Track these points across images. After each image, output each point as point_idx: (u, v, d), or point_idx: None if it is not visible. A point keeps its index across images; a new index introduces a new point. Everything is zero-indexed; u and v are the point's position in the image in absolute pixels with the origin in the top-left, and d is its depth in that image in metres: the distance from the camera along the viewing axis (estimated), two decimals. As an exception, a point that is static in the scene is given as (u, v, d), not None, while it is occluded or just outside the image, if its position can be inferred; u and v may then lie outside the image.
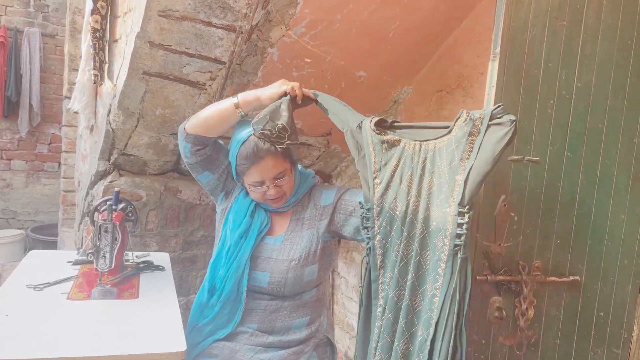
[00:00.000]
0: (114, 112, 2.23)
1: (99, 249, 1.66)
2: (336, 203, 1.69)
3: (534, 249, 1.62)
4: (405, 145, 1.49)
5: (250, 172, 1.61)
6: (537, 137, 1.58)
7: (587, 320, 1.69)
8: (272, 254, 1.68)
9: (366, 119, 1.53)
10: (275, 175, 1.62)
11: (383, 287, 1.51)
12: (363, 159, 1.53)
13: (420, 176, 1.46)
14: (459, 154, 1.39)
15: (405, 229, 1.48)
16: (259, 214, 1.72)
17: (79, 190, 3.29)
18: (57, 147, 5.19)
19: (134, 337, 1.38)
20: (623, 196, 1.66)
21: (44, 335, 1.33)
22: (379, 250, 1.51)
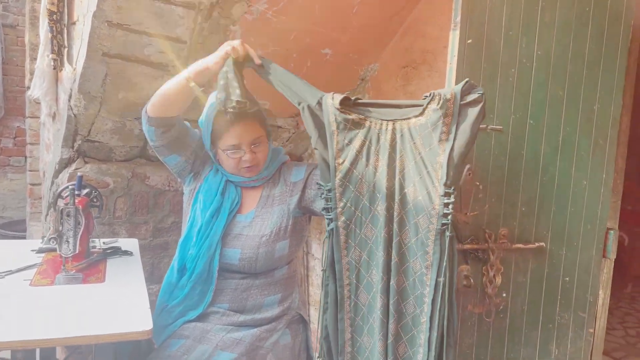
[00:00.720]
0: (75, 97, 2.17)
1: (61, 233, 1.62)
2: (307, 179, 1.69)
3: (500, 217, 1.64)
4: (370, 124, 1.46)
5: (226, 136, 1.61)
6: (500, 105, 1.59)
7: (554, 285, 1.72)
8: (243, 230, 1.67)
9: (326, 96, 1.47)
10: (251, 140, 1.62)
11: (349, 267, 1.50)
12: (322, 138, 1.47)
13: (389, 155, 1.44)
14: (436, 136, 1.40)
15: (376, 208, 1.46)
16: (229, 192, 1.70)
17: (44, 181, 3.21)
18: (22, 141, 5.04)
19: (100, 318, 1.36)
20: (585, 162, 1.69)
21: (5, 319, 1.30)
22: (342, 232, 1.48)
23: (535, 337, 1.72)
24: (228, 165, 1.67)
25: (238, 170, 1.67)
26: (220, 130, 1.62)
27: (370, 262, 1.48)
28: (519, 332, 1.70)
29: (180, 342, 1.59)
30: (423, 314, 1.44)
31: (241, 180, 1.70)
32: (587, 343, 1.78)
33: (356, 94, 2.57)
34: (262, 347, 1.64)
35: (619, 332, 3.89)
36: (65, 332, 1.26)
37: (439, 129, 1.38)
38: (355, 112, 1.46)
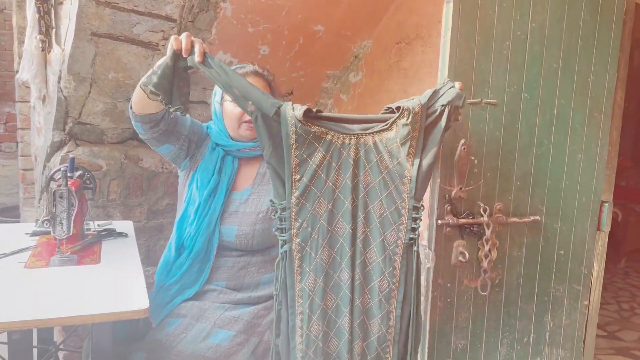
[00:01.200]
0: (64, 79, 2.14)
1: (54, 215, 1.60)
2: None
3: (495, 192, 1.64)
4: (332, 138, 1.37)
5: None
6: (494, 79, 1.58)
7: (549, 259, 1.73)
8: (240, 207, 1.69)
9: (286, 105, 1.34)
10: None
11: (301, 294, 1.42)
12: (277, 151, 1.36)
13: (352, 172, 1.38)
14: (404, 150, 1.38)
15: (334, 228, 1.40)
16: (226, 170, 1.72)
17: (36, 166, 3.18)
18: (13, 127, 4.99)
19: (96, 298, 1.35)
20: (579, 135, 1.69)
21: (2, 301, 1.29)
22: (296, 255, 1.40)
23: (531, 310, 1.73)
24: (230, 118, 1.69)
25: (239, 125, 1.68)
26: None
27: (326, 288, 1.42)
28: (514, 306, 1.71)
29: (178, 321, 1.59)
30: (389, 331, 1.44)
31: (241, 147, 1.70)
32: (582, 315, 1.80)
33: (349, 71, 2.54)
34: (260, 325, 1.65)
35: (612, 307, 3.94)
36: (62, 312, 1.25)
37: (407, 144, 1.37)
38: (317, 125, 1.36)
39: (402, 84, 2.21)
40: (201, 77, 2.29)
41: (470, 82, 1.55)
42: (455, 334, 1.66)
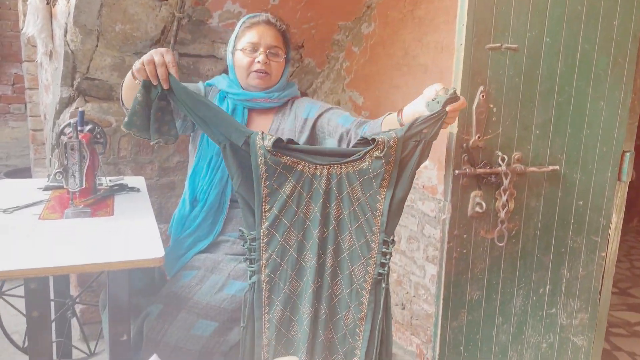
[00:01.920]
0: (70, 32, 2.09)
1: (67, 168, 1.59)
2: (316, 119, 1.68)
3: (514, 141, 1.60)
4: (303, 168, 1.35)
5: (250, 33, 1.64)
6: (515, 23, 1.51)
7: (567, 209, 1.70)
8: None
9: (255, 134, 1.33)
10: (270, 45, 1.64)
11: (269, 325, 1.42)
12: (247, 180, 1.35)
13: (323, 203, 1.36)
14: (377, 183, 1.35)
15: (303, 259, 1.39)
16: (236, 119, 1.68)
17: (45, 124, 3.17)
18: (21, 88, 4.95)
19: (111, 248, 1.35)
20: (602, 82, 1.63)
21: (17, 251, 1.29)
22: (265, 286, 1.40)
23: (547, 261, 1.72)
24: (239, 68, 1.66)
25: (248, 74, 1.65)
26: (244, 30, 1.66)
27: (292, 319, 1.42)
28: (530, 257, 1.70)
29: (192, 273, 1.59)
30: None
31: (251, 97, 1.68)
32: (599, 267, 1.78)
33: (362, 22, 2.47)
34: (274, 276, 1.65)
35: (624, 265, 3.93)
36: (78, 261, 1.25)
37: (380, 176, 1.34)
38: (287, 155, 1.34)
39: (417, 34, 2.14)
40: (210, 29, 2.24)
41: (490, 26, 1.49)
42: (471, 285, 1.65)
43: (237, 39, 1.68)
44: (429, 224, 2.19)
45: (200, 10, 2.10)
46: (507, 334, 1.73)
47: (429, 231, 2.19)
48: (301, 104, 1.75)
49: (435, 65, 2.05)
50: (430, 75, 2.08)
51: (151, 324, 1.48)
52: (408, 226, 2.31)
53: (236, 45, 1.67)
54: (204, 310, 1.50)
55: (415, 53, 2.15)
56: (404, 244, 2.34)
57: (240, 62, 1.66)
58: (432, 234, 2.18)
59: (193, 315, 1.49)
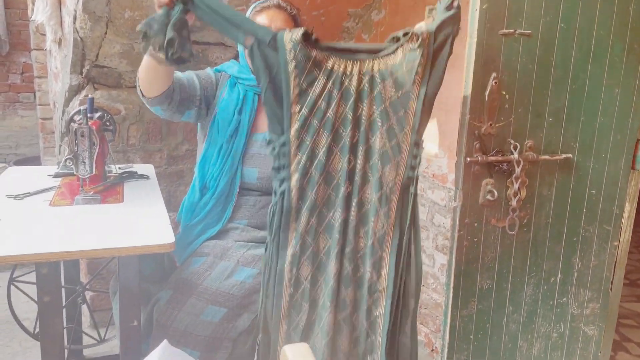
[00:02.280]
0: (80, 18, 2.08)
1: (77, 154, 1.59)
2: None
3: (526, 128, 1.58)
4: (334, 65, 1.27)
5: (261, 16, 1.63)
6: (529, 8, 1.49)
7: (579, 198, 1.68)
8: (261, 149, 1.67)
9: (284, 32, 1.26)
10: (280, 27, 1.60)
11: (295, 235, 1.33)
12: (275, 83, 1.27)
13: (354, 102, 1.29)
14: (410, 78, 1.27)
15: (330, 164, 1.31)
16: (246, 109, 1.69)
17: (55, 112, 3.17)
18: (30, 77, 4.96)
19: (122, 233, 1.35)
20: (618, 68, 1.60)
21: (29, 237, 1.30)
22: (295, 193, 1.30)
23: (559, 250, 1.70)
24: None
25: None
26: (255, 14, 1.65)
27: (318, 229, 1.34)
28: (542, 246, 1.68)
29: (202, 259, 1.60)
30: (381, 280, 1.36)
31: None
32: (611, 256, 1.76)
33: (372, 9, 2.45)
34: (283, 263, 1.64)
35: (635, 256, 3.90)
36: (89, 246, 1.26)
37: (413, 71, 1.26)
38: (317, 49, 1.27)
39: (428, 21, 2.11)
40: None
41: (503, 11, 1.47)
42: (481, 274, 1.64)
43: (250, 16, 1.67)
44: (439, 212, 2.17)
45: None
46: (517, 323, 1.72)
47: (438, 220, 2.18)
48: None
49: (446, 52, 2.03)
50: (441, 62, 2.05)
51: (161, 310, 1.48)
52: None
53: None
54: (213, 296, 1.50)
55: (426, 40, 2.12)
56: (413, 233, 2.33)
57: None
58: (442, 223, 2.17)
59: (202, 301, 1.49)
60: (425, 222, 2.24)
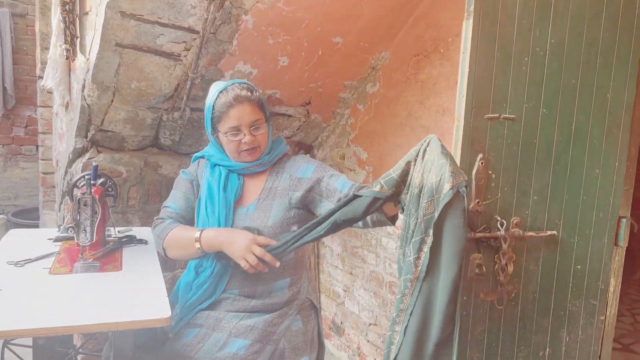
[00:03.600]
0: (88, 87, 2.19)
1: (79, 223, 1.64)
2: (315, 182, 1.67)
3: (512, 206, 1.65)
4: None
5: (227, 117, 1.63)
6: (513, 94, 1.59)
7: (565, 273, 1.73)
8: (245, 222, 1.68)
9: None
10: (251, 122, 1.64)
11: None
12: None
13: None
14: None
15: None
16: (231, 186, 1.71)
17: (57, 170, 3.24)
18: (34, 130, 5.09)
19: (119, 306, 1.39)
20: (597, 151, 1.69)
21: (27, 308, 1.33)
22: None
23: (547, 324, 1.73)
24: (229, 149, 1.69)
25: (239, 154, 1.68)
26: (220, 114, 1.64)
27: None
28: (530, 320, 1.72)
29: (194, 331, 1.62)
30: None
31: (244, 167, 1.71)
32: (598, 330, 1.79)
33: (367, 82, 2.57)
34: (275, 333, 1.66)
35: (627, 319, 3.90)
36: (87, 320, 1.29)
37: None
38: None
39: (420, 96, 2.23)
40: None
41: (489, 97, 1.56)
42: (471, 347, 1.67)
43: (215, 121, 1.67)
44: (430, 280, 2.21)
45: (213, 70, 2.20)
46: (507, 396, 1.73)
47: (430, 288, 2.21)
48: (296, 163, 1.74)
49: (437, 127, 2.13)
50: (432, 136, 2.15)
51: (155, 382, 1.50)
52: (409, 282, 2.33)
53: (217, 127, 1.68)
54: (206, 368, 1.52)
55: (418, 114, 2.23)
56: (405, 299, 2.36)
57: (228, 146, 1.68)
58: (433, 291, 2.20)
59: (196, 374, 1.50)
60: (417, 289, 2.27)
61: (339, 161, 2.83)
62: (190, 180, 1.78)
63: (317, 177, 1.67)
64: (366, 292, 2.70)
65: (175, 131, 2.51)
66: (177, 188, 1.78)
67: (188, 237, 1.59)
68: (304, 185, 1.68)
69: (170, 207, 1.74)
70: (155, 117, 2.38)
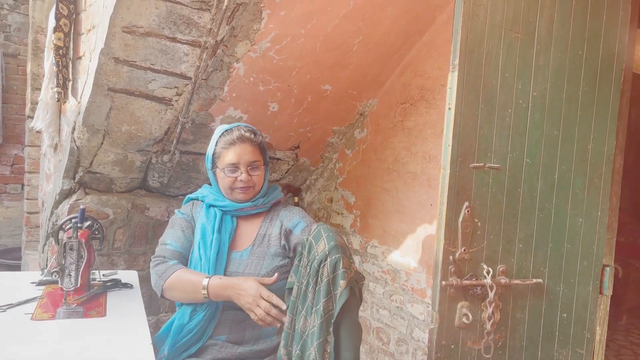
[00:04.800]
0: (78, 130, 2.20)
1: (64, 267, 1.62)
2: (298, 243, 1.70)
3: (498, 254, 1.66)
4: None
5: (228, 154, 1.69)
6: (497, 144, 1.63)
7: (551, 321, 1.73)
8: (240, 267, 1.69)
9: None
10: (249, 162, 1.69)
11: None
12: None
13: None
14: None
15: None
16: (225, 228, 1.72)
17: (43, 211, 3.21)
18: (19, 169, 5.06)
19: (102, 353, 1.36)
20: (580, 200, 1.72)
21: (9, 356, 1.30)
22: None
23: (534, 373, 1.73)
24: (223, 185, 1.72)
25: (232, 190, 1.70)
26: (222, 151, 1.71)
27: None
28: (517, 369, 1.71)
29: (180, 378, 1.59)
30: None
31: (238, 207, 1.73)
32: (585, 380, 1.79)
33: (355, 128, 2.62)
34: (262, 381, 1.64)
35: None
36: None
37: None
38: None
39: (406, 143, 2.27)
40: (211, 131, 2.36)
41: (474, 147, 1.60)
42: (459, 397, 1.65)
43: (216, 157, 1.73)
44: (418, 327, 2.20)
45: (204, 115, 2.23)
46: None
47: (418, 334, 2.20)
48: (291, 213, 1.77)
49: (423, 173, 2.16)
50: (419, 182, 2.19)
51: None
52: (397, 328, 2.32)
53: (216, 163, 1.73)
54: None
55: (405, 160, 2.27)
56: (392, 346, 2.34)
57: (223, 181, 1.73)
58: (421, 338, 2.19)
59: None
60: (405, 335, 2.26)
61: (326, 204, 2.85)
62: (188, 220, 1.78)
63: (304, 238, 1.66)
64: (353, 337, 2.67)
65: (164, 174, 2.51)
66: (175, 226, 1.78)
67: (195, 283, 1.58)
68: (292, 240, 1.71)
69: (170, 244, 1.73)
70: (145, 159, 2.39)
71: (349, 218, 2.67)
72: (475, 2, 1.59)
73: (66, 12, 2.35)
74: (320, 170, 2.87)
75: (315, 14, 1.92)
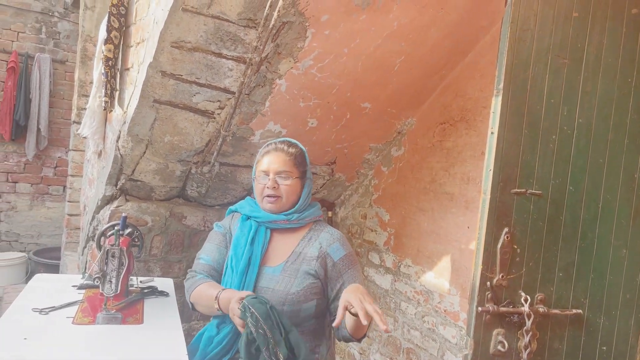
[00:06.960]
0: (123, 138, 2.27)
1: (105, 273, 1.67)
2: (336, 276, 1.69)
3: (537, 282, 1.63)
4: None
5: (261, 162, 1.74)
6: (540, 171, 1.60)
7: (590, 354, 1.69)
8: (270, 283, 1.67)
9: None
10: (278, 170, 1.70)
11: None
12: None
13: None
14: None
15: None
16: (258, 241, 1.73)
17: (84, 214, 3.31)
18: (63, 171, 5.24)
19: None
20: (625, 231, 1.68)
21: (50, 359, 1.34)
22: None
23: (571, 406, 1.68)
24: (256, 192, 1.77)
25: (262, 198, 1.73)
26: (259, 159, 1.76)
27: None
28: (553, 401, 1.66)
29: (212, 389, 1.60)
30: None
31: (271, 219, 1.73)
32: (624, 416, 1.73)
33: (392, 145, 2.62)
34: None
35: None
36: (107, 375, 1.29)
37: None
38: None
39: (444, 163, 2.26)
40: (250, 144, 2.40)
41: (515, 172, 1.58)
42: None
43: (256, 165, 1.78)
44: (450, 350, 2.17)
45: (244, 129, 2.27)
46: None
47: (449, 358, 2.17)
48: (332, 237, 1.74)
49: (461, 195, 2.14)
50: (456, 203, 2.17)
51: None
52: (428, 350, 2.29)
53: (256, 171, 1.77)
54: None
55: (442, 181, 2.25)
56: (423, 367, 2.31)
57: (255, 189, 1.76)
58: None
59: None
60: (436, 358, 2.23)
61: (360, 220, 2.85)
62: (224, 233, 1.82)
63: (339, 274, 1.69)
64: (382, 356, 2.64)
65: (202, 184, 2.56)
66: (211, 240, 1.82)
67: (209, 296, 1.61)
68: (328, 266, 1.69)
69: (203, 259, 1.77)
70: (185, 169, 2.44)
71: (383, 236, 2.66)
72: (522, 26, 1.58)
73: (117, 25, 2.44)
74: (355, 186, 2.88)
75: (359, 33, 1.93)
